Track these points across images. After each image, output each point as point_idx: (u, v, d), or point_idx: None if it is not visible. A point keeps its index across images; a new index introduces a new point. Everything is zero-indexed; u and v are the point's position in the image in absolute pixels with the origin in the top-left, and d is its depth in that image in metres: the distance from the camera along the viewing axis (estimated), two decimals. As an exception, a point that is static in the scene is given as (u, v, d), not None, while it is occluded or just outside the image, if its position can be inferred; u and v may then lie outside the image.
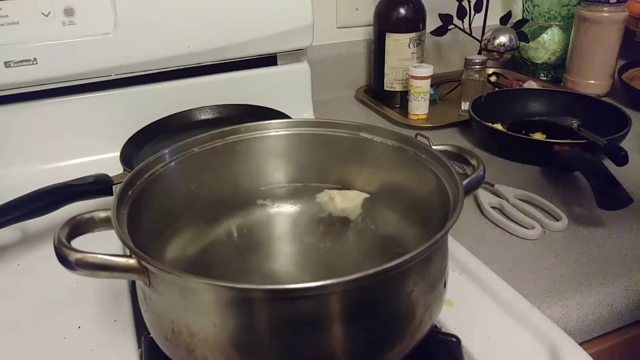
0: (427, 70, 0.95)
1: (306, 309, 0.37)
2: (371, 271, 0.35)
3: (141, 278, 0.40)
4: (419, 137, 0.54)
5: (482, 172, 0.50)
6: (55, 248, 0.39)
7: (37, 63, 0.77)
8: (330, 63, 1.11)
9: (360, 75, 1.15)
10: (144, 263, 0.38)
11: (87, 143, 0.84)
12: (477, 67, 0.97)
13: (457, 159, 0.52)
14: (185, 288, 0.38)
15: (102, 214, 0.44)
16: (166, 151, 0.52)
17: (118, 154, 0.75)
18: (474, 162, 0.51)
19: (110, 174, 0.68)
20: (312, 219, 0.56)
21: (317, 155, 0.58)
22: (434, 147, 0.51)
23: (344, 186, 0.58)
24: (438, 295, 0.44)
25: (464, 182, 0.46)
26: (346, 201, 0.55)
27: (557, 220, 0.67)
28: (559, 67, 1.16)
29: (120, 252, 0.44)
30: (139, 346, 0.50)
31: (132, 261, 0.39)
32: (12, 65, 0.76)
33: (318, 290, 0.36)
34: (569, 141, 0.78)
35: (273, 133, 0.58)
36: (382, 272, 0.36)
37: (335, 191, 0.57)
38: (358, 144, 0.56)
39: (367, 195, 0.57)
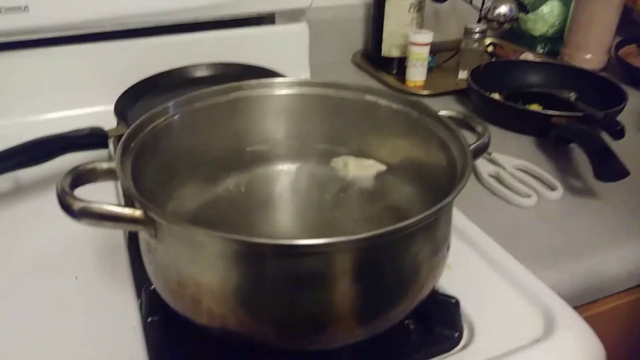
0: (427, 37, 0.94)
1: (314, 265, 0.37)
2: (382, 230, 0.36)
3: (147, 230, 0.39)
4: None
5: (487, 139, 0.50)
6: (59, 196, 0.38)
7: (28, 11, 0.74)
8: (327, 26, 1.09)
9: (358, 40, 1.13)
10: (151, 214, 0.38)
11: (80, 95, 0.82)
12: (477, 36, 0.97)
13: (462, 126, 0.52)
14: (193, 241, 0.38)
15: (105, 165, 0.43)
16: (169, 104, 0.50)
17: (111, 107, 0.73)
18: (479, 128, 0.51)
19: (105, 127, 0.66)
20: (314, 179, 0.56)
21: (321, 117, 0.57)
22: (440, 112, 0.51)
23: (351, 151, 0.57)
24: (441, 258, 0.44)
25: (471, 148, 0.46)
26: (359, 169, 0.55)
27: (553, 190, 0.68)
28: (556, 41, 1.15)
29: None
30: (138, 297, 0.50)
31: (138, 212, 0.38)
32: (1, 11, 0.73)
33: (329, 248, 0.36)
34: (567, 113, 0.79)
35: (276, 92, 0.57)
36: (392, 232, 0.36)
37: (352, 158, 0.56)
38: (363, 106, 0.55)
39: (384, 168, 0.55)
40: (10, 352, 0.46)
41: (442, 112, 0.51)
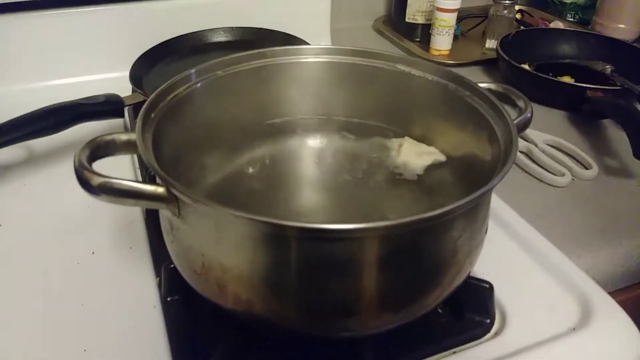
0: (455, 2, 0.89)
1: (348, 251, 0.35)
2: (424, 215, 0.33)
3: (169, 208, 0.37)
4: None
5: (529, 114, 0.47)
6: (76, 171, 0.36)
7: (39, -33, 0.71)
8: (348, -10, 1.05)
9: (380, 5, 1.09)
10: (175, 192, 0.35)
11: (94, 60, 0.79)
12: (507, 2, 0.92)
13: (501, 99, 0.48)
14: (220, 221, 0.35)
15: (124, 137, 0.41)
16: (191, 72, 0.47)
17: (126, 73, 0.70)
18: (521, 103, 0.48)
19: (119, 94, 0.63)
20: (343, 155, 0.53)
21: (350, 87, 0.53)
22: (479, 84, 0.48)
23: (379, 121, 0.54)
24: (480, 241, 0.41)
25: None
26: (412, 155, 0.50)
27: (587, 169, 0.65)
28: (587, 9, 1.10)
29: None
30: (157, 275, 0.48)
31: (160, 189, 0.36)
32: (10, -33, 0.70)
33: (366, 233, 0.33)
34: (602, 87, 0.75)
35: (303, 59, 0.53)
36: (433, 217, 0.33)
37: (409, 141, 0.51)
38: (394, 76, 0.52)
39: (443, 159, 0.51)
40: (23, 327, 0.44)
41: (482, 85, 0.47)
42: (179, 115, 0.46)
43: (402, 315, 0.39)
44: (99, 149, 0.40)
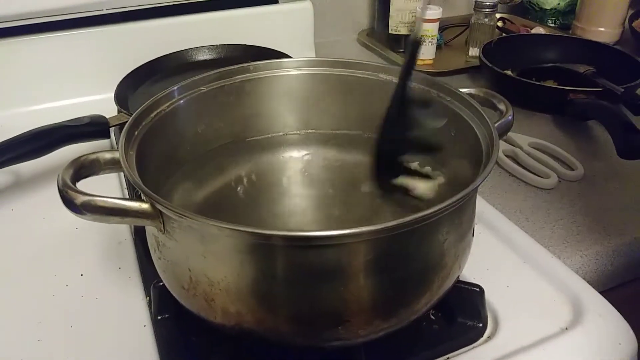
0: (436, 12, 0.90)
1: (334, 258, 0.35)
2: (407, 219, 0.33)
3: (155, 224, 0.37)
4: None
5: (510, 117, 0.47)
6: (60, 191, 0.36)
7: (21, -6, 0.71)
8: (331, 4, 1.05)
9: (364, 18, 1.10)
10: (159, 207, 0.35)
11: (79, 83, 0.79)
12: (488, 10, 0.93)
13: (483, 103, 0.49)
14: (205, 234, 0.35)
15: (108, 155, 0.41)
16: (173, 89, 0.48)
17: (112, 94, 0.70)
18: (502, 106, 0.48)
19: (105, 115, 0.64)
20: (326, 167, 0.53)
21: (332, 97, 0.54)
22: (460, 90, 0.48)
23: (363, 131, 0.54)
24: (467, 244, 0.42)
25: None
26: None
27: (573, 170, 0.65)
28: (567, 14, 1.12)
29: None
30: (147, 294, 0.48)
31: (145, 205, 0.36)
32: (-6, -5, 0.70)
33: (350, 238, 0.34)
34: (585, 89, 0.76)
35: (284, 73, 0.54)
36: (417, 220, 0.34)
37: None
38: (377, 85, 0.52)
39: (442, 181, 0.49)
40: (15, 351, 0.44)
41: (463, 90, 0.48)
42: (163, 132, 0.47)
43: (393, 321, 0.39)
44: (83, 168, 0.40)
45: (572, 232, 0.56)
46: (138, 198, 0.37)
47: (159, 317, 0.44)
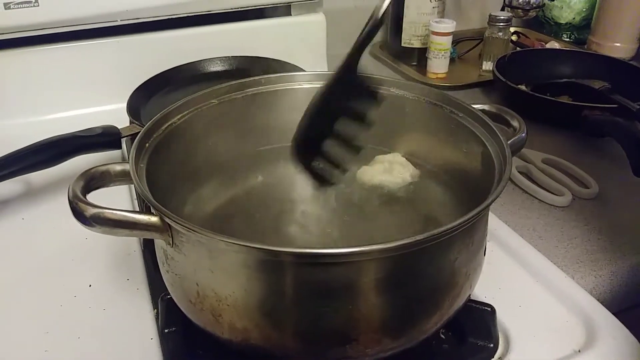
0: (449, 25, 0.90)
1: (344, 275, 0.34)
2: (418, 237, 0.33)
3: (164, 237, 0.37)
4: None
5: (524, 134, 0.47)
6: (70, 202, 0.36)
7: (38, 5, 0.72)
8: (344, 16, 1.05)
9: (376, 31, 1.10)
10: (168, 221, 0.35)
11: (92, 93, 0.79)
12: (502, 24, 0.93)
13: (495, 119, 0.48)
14: (213, 249, 0.35)
15: (118, 167, 0.41)
16: (184, 101, 0.48)
17: (124, 105, 0.71)
18: (515, 123, 0.48)
19: (117, 126, 0.64)
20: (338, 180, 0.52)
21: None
22: (472, 105, 0.48)
23: (375, 145, 0.54)
24: (478, 263, 0.41)
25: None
26: (386, 175, 0.50)
27: (587, 187, 0.64)
28: (583, 29, 1.11)
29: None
30: (154, 307, 0.48)
31: (154, 219, 0.36)
32: (12, 6, 0.71)
33: (360, 256, 0.33)
34: (600, 105, 0.75)
35: (296, 86, 0.54)
36: (428, 239, 0.33)
37: (380, 163, 0.50)
38: (389, 100, 0.52)
39: (417, 174, 0.51)
40: (22, 363, 0.44)
41: (475, 106, 0.48)
42: (174, 145, 0.47)
43: (401, 340, 0.38)
44: (94, 180, 0.40)
45: (586, 251, 0.55)
46: (148, 211, 0.37)
47: (166, 331, 0.44)
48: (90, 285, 0.50)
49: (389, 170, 0.49)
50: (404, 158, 0.51)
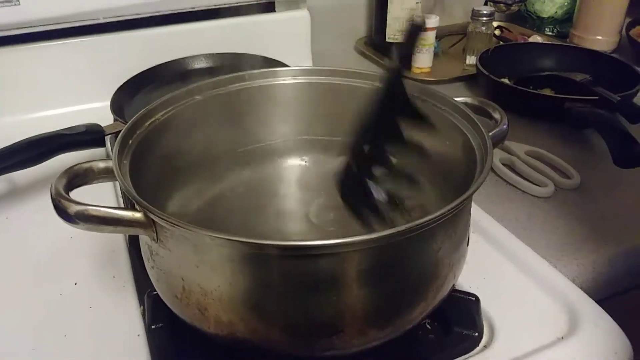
0: (433, 21, 0.91)
1: (328, 267, 0.35)
2: (400, 228, 0.33)
3: (148, 233, 0.37)
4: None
5: (505, 126, 0.47)
6: (53, 200, 0.36)
7: (19, 4, 0.71)
8: (329, 12, 1.06)
9: (361, 26, 1.10)
10: (152, 216, 0.35)
11: (75, 91, 0.79)
12: (485, 18, 0.93)
13: (478, 112, 0.49)
14: (198, 244, 0.35)
15: (102, 164, 0.41)
16: (168, 98, 0.48)
17: (108, 103, 0.70)
18: (497, 115, 0.48)
19: (102, 124, 0.64)
20: (324, 174, 0.53)
21: (329, 107, 0.54)
22: (455, 99, 0.48)
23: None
24: (462, 253, 0.42)
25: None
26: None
27: (569, 178, 0.65)
28: (565, 22, 1.12)
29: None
30: (141, 304, 0.48)
31: (138, 214, 0.36)
32: (-9, 4, 0.71)
33: (343, 248, 0.33)
34: (581, 97, 0.76)
35: (280, 81, 0.54)
36: (410, 229, 0.33)
37: None
38: (373, 94, 0.52)
39: None
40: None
41: (458, 99, 0.48)
42: (158, 142, 0.47)
43: (387, 331, 0.39)
44: (77, 177, 0.40)
45: (568, 241, 0.56)
46: (132, 207, 0.37)
47: (153, 327, 0.44)
48: (75, 284, 0.50)
49: None
50: None
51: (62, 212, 0.36)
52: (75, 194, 0.38)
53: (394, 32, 0.99)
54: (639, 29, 1.06)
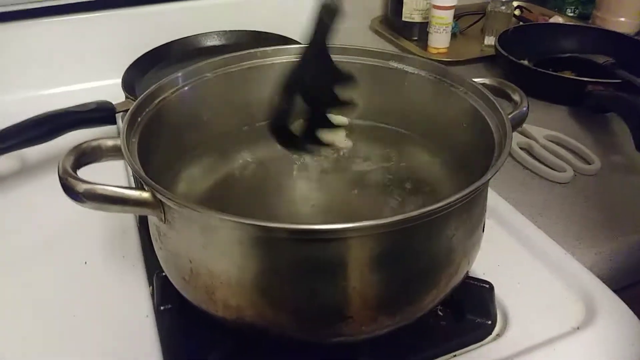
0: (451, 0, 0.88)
1: (339, 252, 0.34)
2: (414, 213, 0.32)
3: (156, 213, 0.36)
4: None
5: (525, 108, 0.46)
6: (60, 178, 0.35)
7: (29, -23, 0.70)
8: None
9: (377, 5, 1.08)
10: (159, 196, 0.34)
11: (86, 68, 0.78)
12: (505, -2, 0.91)
13: (496, 94, 0.47)
14: (206, 225, 0.34)
15: (110, 142, 0.40)
16: (178, 75, 0.47)
17: (119, 80, 0.70)
18: (516, 97, 0.47)
19: (112, 102, 0.63)
20: (335, 156, 0.51)
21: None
22: (473, 80, 0.47)
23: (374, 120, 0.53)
24: (477, 240, 0.40)
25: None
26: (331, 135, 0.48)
27: (589, 164, 0.63)
28: (587, 3, 1.09)
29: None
30: (150, 284, 0.47)
31: (145, 194, 0.35)
32: (2, -22, 0.70)
33: (355, 232, 0.32)
34: (603, 80, 0.73)
35: (293, 59, 0.52)
36: (425, 214, 0.32)
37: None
38: (387, 74, 0.51)
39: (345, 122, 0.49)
40: (17, 339, 0.43)
41: (476, 80, 0.46)
42: (168, 119, 0.46)
43: (397, 318, 0.38)
44: (85, 155, 0.39)
45: (586, 228, 0.55)
46: (141, 187, 0.37)
47: (162, 308, 0.44)
48: (85, 263, 0.50)
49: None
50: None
51: (69, 190, 0.35)
52: (86, 173, 0.37)
53: (411, 11, 0.96)
54: (664, 10, 1.03)
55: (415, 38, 0.98)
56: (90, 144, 0.40)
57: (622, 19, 1.01)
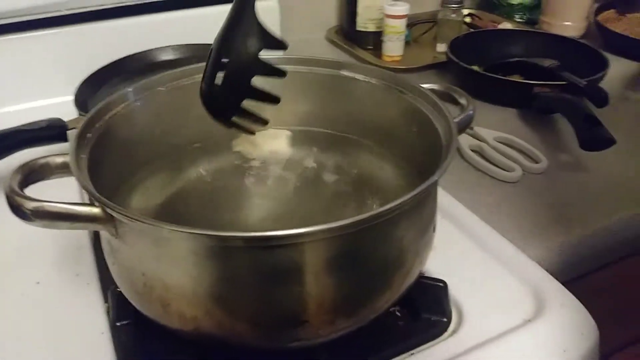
0: (403, 8, 0.90)
1: (291, 258, 0.34)
2: (363, 216, 0.33)
3: (107, 228, 0.36)
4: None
5: (472, 112, 0.47)
6: (7, 197, 0.35)
7: (-25, -5, 0.69)
8: (299, 1, 1.05)
9: (331, 15, 1.09)
10: (109, 211, 0.34)
11: (37, 86, 0.77)
12: (455, 6, 0.93)
13: (444, 98, 0.49)
14: (157, 238, 0.34)
15: (59, 159, 0.40)
16: (129, 89, 0.47)
17: (72, 97, 0.69)
18: (463, 100, 0.48)
19: (65, 119, 0.62)
20: (288, 165, 0.52)
21: (293, 96, 0.53)
22: (422, 85, 0.48)
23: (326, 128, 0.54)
24: (428, 240, 0.42)
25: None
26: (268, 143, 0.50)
27: (537, 163, 0.66)
28: (534, 9, 1.13)
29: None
30: (106, 300, 0.47)
31: (95, 210, 0.35)
32: (-54, -3, 0.68)
33: (306, 237, 0.33)
34: (549, 82, 0.76)
35: (246, 71, 0.53)
36: (374, 217, 0.33)
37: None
38: (339, 82, 0.52)
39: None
40: (-31, 365, 0.42)
41: (424, 86, 0.48)
42: (119, 135, 0.45)
43: (353, 320, 0.39)
44: (33, 172, 0.39)
45: (536, 225, 0.57)
46: (92, 203, 0.36)
47: (118, 324, 0.43)
48: (38, 283, 0.49)
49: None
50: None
51: (16, 209, 0.35)
52: (37, 192, 0.37)
53: (365, 20, 0.98)
54: (606, 14, 1.08)
55: (370, 47, 1.00)
56: (38, 161, 0.39)
57: (568, 23, 1.06)
